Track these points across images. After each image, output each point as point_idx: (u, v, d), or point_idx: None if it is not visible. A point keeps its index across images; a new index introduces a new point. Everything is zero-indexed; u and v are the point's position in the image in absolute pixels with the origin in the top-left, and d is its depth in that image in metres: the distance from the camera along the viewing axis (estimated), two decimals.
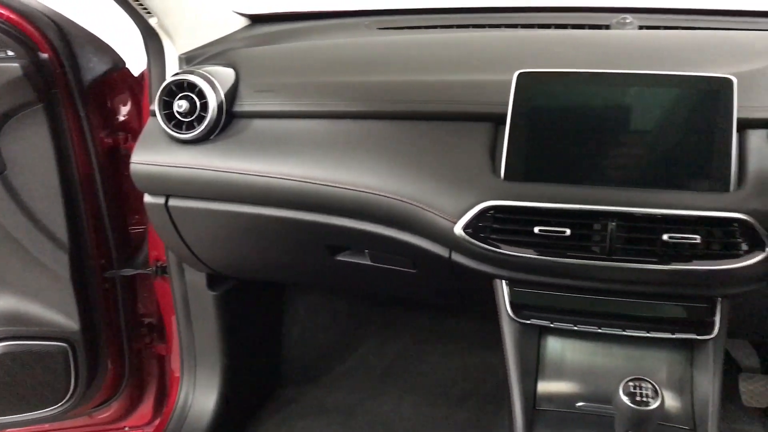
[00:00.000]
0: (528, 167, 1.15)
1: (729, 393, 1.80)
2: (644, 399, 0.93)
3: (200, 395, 1.80)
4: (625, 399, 0.93)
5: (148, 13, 1.41)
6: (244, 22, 1.75)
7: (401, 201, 1.21)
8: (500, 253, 1.14)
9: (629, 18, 1.49)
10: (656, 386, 0.95)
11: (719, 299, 1.15)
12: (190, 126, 1.34)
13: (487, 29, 1.55)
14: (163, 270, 1.73)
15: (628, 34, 1.41)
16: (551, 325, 1.24)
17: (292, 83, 1.36)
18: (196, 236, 1.50)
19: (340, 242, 1.40)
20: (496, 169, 1.17)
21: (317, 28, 1.66)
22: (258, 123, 1.36)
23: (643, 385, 0.95)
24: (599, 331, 1.21)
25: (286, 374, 2.08)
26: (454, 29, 1.57)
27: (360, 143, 1.27)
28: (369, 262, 1.42)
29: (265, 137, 1.34)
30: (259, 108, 1.36)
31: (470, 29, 1.56)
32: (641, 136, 1.13)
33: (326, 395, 2.01)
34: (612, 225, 1.09)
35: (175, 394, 1.82)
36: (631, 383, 0.95)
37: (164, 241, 1.58)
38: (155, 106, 1.36)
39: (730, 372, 1.80)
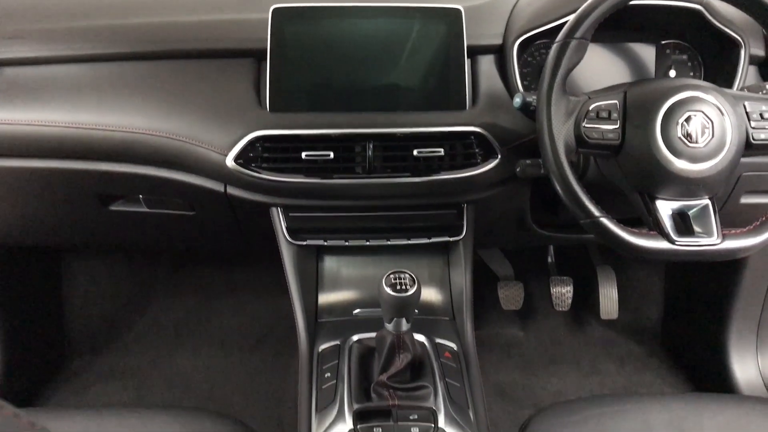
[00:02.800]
0: (291, 98, 1.23)
1: (491, 302, 2.05)
2: (403, 287, 1.06)
3: None
4: (388, 289, 1.05)
5: None
6: None
7: (170, 138, 1.22)
8: (272, 180, 1.21)
9: None
10: (413, 276, 1.08)
11: (465, 205, 1.33)
12: None
13: None
14: None
15: None
16: (325, 244, 1.34)
17: (43, 29, 1.30)
18: None
19: (112, 190, 1.38)
20: (261, 102, 1.24)
21: None
22: (9, 71, 1.28)
23: (402, 275, 1.07)
24: (368, 243, 1.34)
25: (73, 345, 1.99)
26: None
27: (124, 84, 1.26)
28: (145, 209, 1.42)
29: (19, 85, 1.27)
30: (8, 55, 1.28)
31: None
32: (389, 65, 1.25)
33: (118, 360, 1.97)
34: (370, 146, 1.21)
35: None
36: (391, 275, 1.07)
37: None
38: None
39: (491, 283, 2.05)
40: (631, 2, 1.09)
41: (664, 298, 2.11)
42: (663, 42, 1.39)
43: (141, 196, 1.39)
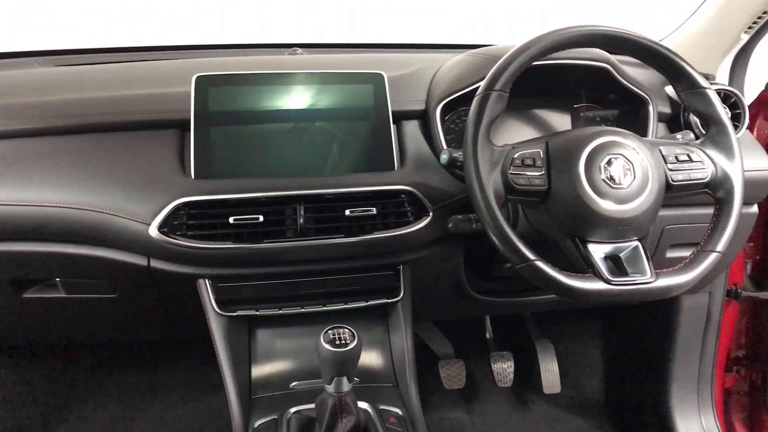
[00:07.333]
0: (216, 165, 1.21)
1: (433, 384, 1.99)
2: (343, 342, 1.01)
3: None
4: (326, 345, 1.00)
5: None
6: None
7: (90, 211, 1.17)
8: (198, 248, 1.16)
9: (300, 50, 1.67)
10: (352, 330, 1.03)
11: (401, 266, 1.31)
12: None
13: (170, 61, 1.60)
14: None
15: (298, 57, 1.57)
16: (258, 314, 1.28)
17: None
18: None
19: (27, 274, 1.29)
20: (186, 170, 1.21)
21: None
22: None
23: (341, 330, 1.03)
24: (303, 310, 1.29)
25: None
26: (137, 63, 1.59)
27: (40, 159, 1.21)
28: (63, 295, 1.33)
29: None
30: None
31: (153, 62, 1.59)
32: (316, 129, 1.26)
33: None
34: (301, 207, 1.19)
35: None
36: (330, 331, 1.03)
37: None
38: None
39: (432, 365, 2.00)
40: (542, 61, 1.15)
41: (604, 368, 2.10)
42: (576, 105, 1.46)
43: (58, 279, 1.31)
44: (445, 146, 1.29)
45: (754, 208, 1.51)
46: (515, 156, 1.09)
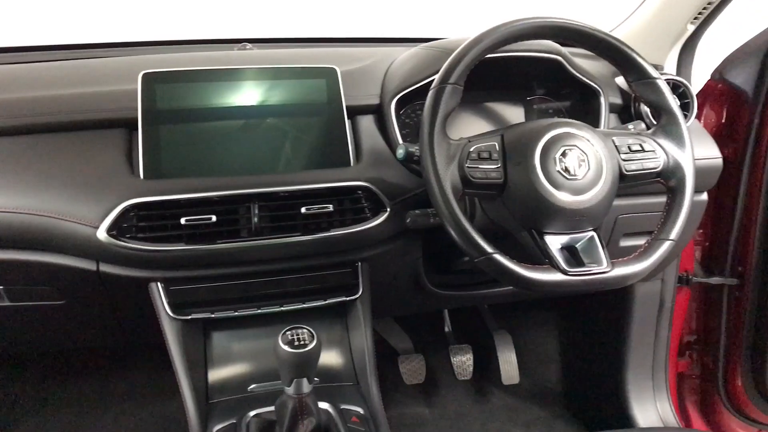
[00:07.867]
0: (166, 165, 1.17)
1: (393, 380, 1.99)
2: (302, 343, 0.99)
3: None
4: (285, 347, 0.98)
5: None
6: None
7: (32, 214, 1.12)
8: (149, 250, 1.13)
9: (249, 45, 1.64)
10: (311, 330, 1.02)
11: (359, 263, 1.29)
12: None
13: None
14: None
15: (248, 52, 1.54)
16: (213, 316, 1.25)
17: None
18: None
19: None
20: (134, 171, 1.17)
21: None
22: None
23: (299, 331, 1.01)
24: (260, 311, 1.27)
25: None
26: (80, 60, 1.53)
27: None
28: (7, 303, 1.27)
29: None
30: None
31: (98, 59, 1.54)
32: (268, 126, 1.23)
33: None
34: (255, 206, 1.16)
35: None
36: (288, 332, 1.01)
37: None
38: None
39: (392, 361, 2.00)
40: (495, 54, 1.14)
41: (562, 358, 2.13)
42: (529, 98, 1.47)
43: (1, 287, 1.25)
44: (401, 141, 1.28)
45: (704, 196, 1.54)
46: (471, 149, 1.08)
